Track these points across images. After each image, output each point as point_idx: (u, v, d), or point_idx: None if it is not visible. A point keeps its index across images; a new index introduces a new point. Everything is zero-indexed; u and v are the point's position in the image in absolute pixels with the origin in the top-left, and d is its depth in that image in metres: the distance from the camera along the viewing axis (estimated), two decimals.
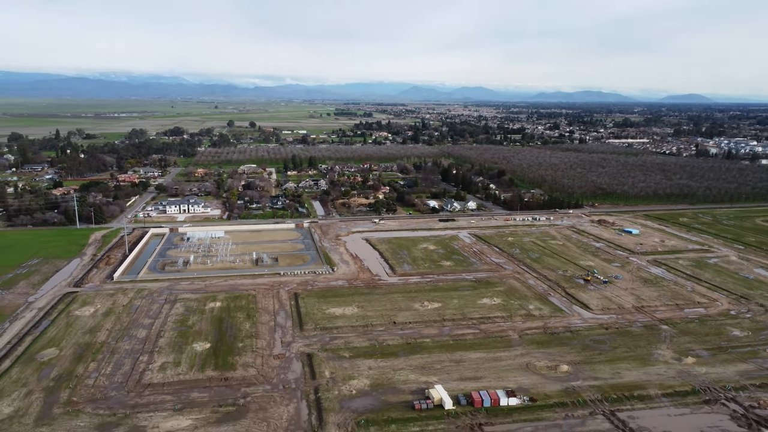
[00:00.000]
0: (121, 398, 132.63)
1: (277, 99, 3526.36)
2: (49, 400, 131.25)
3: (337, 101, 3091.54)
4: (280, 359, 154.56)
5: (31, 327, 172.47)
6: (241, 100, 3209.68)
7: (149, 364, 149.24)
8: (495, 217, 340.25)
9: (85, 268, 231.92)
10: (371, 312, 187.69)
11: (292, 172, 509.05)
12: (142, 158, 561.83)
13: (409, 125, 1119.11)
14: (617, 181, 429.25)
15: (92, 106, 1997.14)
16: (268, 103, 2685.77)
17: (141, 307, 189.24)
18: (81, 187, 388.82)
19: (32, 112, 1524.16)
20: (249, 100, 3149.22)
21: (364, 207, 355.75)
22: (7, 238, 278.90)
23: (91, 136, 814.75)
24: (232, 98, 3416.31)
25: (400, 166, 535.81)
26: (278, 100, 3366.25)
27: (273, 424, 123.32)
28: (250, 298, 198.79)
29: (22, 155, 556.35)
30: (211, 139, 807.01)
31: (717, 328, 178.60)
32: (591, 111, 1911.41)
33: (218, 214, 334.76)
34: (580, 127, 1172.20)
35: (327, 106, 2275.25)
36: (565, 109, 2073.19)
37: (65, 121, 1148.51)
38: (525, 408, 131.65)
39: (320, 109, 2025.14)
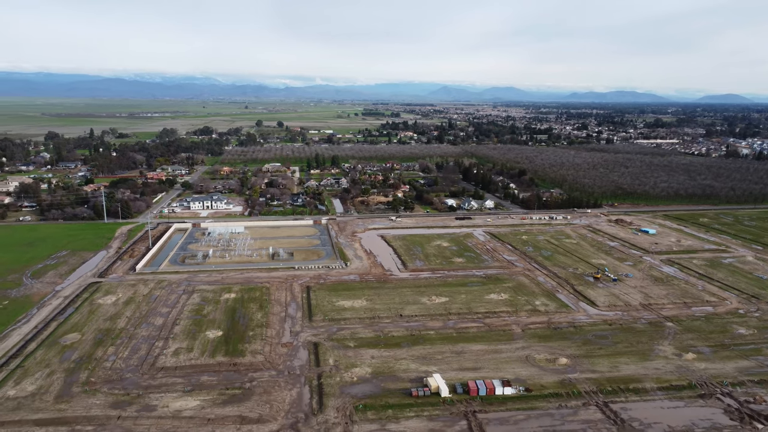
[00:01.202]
0: (135, 380, 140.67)
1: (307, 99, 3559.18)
2: (69, 380, 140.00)
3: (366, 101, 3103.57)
4: (287, 347, 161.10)
5: (57, 313, 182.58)
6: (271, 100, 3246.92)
7: (164, 350, 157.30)
8: (511, 216, 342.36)
9: (109, 260, 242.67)
10: (379, 305, 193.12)
11: (315, 170, 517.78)
12: (170, 157, 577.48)
13: (436, 125, 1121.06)
14: (639, 181, 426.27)
15: (127, 106, 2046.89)
16: (298, 104, 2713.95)
17: (160, 297, 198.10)
18: (110, 183, 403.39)
19: (70, 111, 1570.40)
20: (279, 101, 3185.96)
21: (382, 205, 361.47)
22: (40, 231, 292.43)
23: (123, 135, 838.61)
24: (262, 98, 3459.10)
25: (422, 165, 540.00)
26: (308, 100, 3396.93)
27: (275, 406, 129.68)
28: (264, 290, 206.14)
29: (58, 153, 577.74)
30: (239, 139, 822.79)
31: (722, 326, 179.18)
32: (623, 111, 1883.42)
33: (240, 211, 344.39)
34: (609, 128, 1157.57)
35: (356, 107, 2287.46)
36: (596, 110, 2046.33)
37: (100, 120, 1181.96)
38: (520, 397, 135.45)
39: (348, 109, 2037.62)
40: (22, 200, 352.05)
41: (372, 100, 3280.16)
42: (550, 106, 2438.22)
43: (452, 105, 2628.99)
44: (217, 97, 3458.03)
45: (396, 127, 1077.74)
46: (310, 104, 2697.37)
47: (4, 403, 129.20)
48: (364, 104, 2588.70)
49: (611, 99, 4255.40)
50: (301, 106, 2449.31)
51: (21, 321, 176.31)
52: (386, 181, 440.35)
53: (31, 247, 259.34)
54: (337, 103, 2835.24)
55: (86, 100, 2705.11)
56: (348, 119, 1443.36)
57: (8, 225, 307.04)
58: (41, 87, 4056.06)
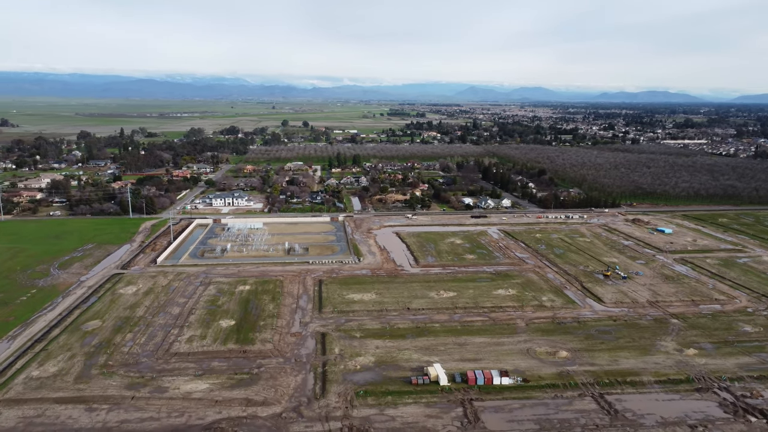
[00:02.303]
0: (150, 364, 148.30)
1: (334, 99, 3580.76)
2: (88, 362, 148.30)
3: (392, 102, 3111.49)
4: (296, 337, 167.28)
5: (80, 302, 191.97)
6: (299, 100, 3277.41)
7: (178, 337, 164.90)
8: (527, 215, 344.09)
9: (132, 253, 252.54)
10: (388, 298, 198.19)
11: (336, 169, 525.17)
12: (196, 155, 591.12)
13: (460, 125, 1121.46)
14: (660, 181, 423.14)
15: (158, 106, 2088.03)
16: (324, 104, 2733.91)
17: (178, 288, 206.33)
18: (137, 181, 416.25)
19: (102, 112, 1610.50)
20: (306, 101, 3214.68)
21: (399, 203, 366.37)
22: (68, 225, 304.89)
23: (152, 135, 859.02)
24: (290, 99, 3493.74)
25: (442, 164, 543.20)
26: (335, 100, 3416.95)
27: (280, 390, 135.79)
28: (278, 283, 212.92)
29: (89, 152, 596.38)
30: (264, 138, 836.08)
31: (728, 324, 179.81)
32: (654, 111, 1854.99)
33: (260, 208, 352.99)
34: (637, 128, 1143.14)
35: (382, 107, 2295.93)
36: (626, 110, 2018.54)
37: (131, 120, 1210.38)
38: (517, 387, 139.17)
39: (374, 109, 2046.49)
40: (53, 196, 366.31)
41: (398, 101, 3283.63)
42: (578, 107, 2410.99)
43: (479, 105, 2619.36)
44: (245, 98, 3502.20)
45: (420, 127, 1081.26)
46: (337, 104, 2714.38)
47: (28, 382, 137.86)
48: (391, 104, 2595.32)
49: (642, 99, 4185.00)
50: (328, 106, 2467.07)
51: (47, 308, 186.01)
52: (405, 180, 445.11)
53: (59, 239, 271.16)
54: (364, 104, 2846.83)
55: (119, 100, 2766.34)
56: (373, 119, 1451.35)
57: (39, 219, 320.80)
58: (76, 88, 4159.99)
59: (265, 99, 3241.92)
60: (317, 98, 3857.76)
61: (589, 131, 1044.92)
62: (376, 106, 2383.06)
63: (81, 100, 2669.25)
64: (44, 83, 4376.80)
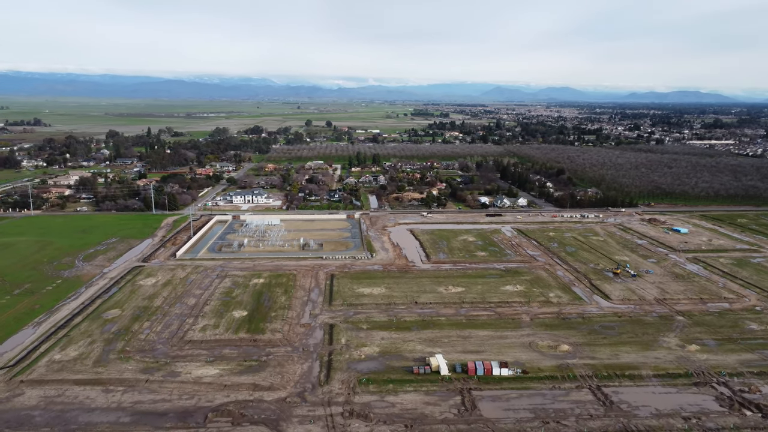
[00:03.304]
0: (164, 350, 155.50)
1: (359, 100, 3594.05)
2: (107, 348, 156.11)
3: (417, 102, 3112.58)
4: (305, 327, 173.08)
5: (102, 292, 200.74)
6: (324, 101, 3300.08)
7: (193, 326, 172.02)
8: (542, 214, 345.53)
9: (154, 247, 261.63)
10: (397, 293, 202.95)
11: (356, 168, 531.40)
12: (220, 154, 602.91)
13: (483, 125, 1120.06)
14: (679, 181, 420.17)
15: (185, 106, 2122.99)
16: (349, 104, 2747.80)
17: (195, 281, 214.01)
18: (161, 178, 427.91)
19: (131, 111, 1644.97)
20: (331, 101, 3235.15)
21: (416, 201, 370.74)
22: (94, 220, 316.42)
23: (178, 134, 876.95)
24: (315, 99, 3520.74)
25: (461, 164, 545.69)
26: (359, 100, 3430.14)
27: (286, 377, 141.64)
28: (291, 277, 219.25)
29: (116, 150, 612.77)
30: (287, 138, 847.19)
31: (734, 322, 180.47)
32: (683, 112, 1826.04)
33: (279, 205, 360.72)
34: (663, 128, 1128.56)
35: (406, 107, 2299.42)
36: (654, 110, 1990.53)
37: (159, 120, 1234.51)
38: (515, 378, 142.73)
39: (399, 109, 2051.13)
40: (81, 192, 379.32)
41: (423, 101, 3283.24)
42: (605, 107, 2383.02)
43: (504, 105, 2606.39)
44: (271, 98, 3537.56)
45: (443, 127, 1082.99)
46: (362, 104, 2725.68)
47: (50, 365, 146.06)
48: (415, 105, 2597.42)
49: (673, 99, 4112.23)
50: (352, 106, 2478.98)
51: (71, 297, 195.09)
52: (423, 179, 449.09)
53: (85, 234, 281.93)
54: (388, 104, 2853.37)
55: (148, 100, 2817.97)
56: (396, 119, 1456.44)
57: (67, 214, 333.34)
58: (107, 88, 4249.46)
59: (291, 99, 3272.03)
60: (342, 98, 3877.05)
61: (613, 131, 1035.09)
62: (400, 107, 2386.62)
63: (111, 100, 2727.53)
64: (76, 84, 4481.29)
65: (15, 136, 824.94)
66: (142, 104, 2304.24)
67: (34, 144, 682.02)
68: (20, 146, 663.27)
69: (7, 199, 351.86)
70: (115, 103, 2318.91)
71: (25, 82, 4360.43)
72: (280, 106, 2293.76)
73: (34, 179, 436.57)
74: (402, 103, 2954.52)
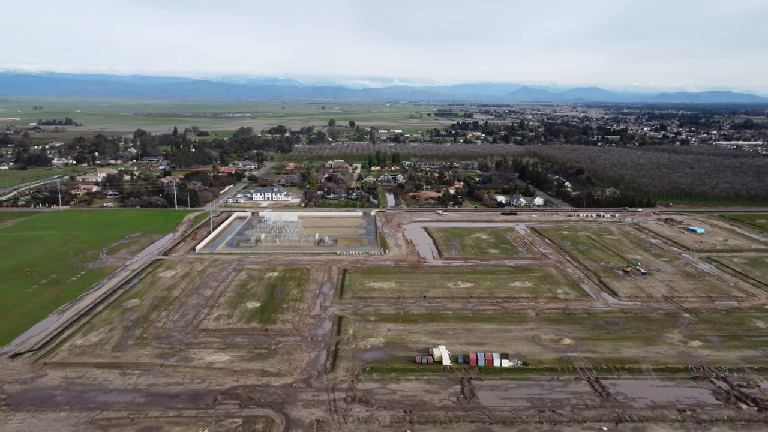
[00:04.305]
0: (180, 337, 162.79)
1: (384, 100, 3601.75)
2: (125, 335, 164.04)
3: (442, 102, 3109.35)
4: (315, 319, 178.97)
5: (123, 283, 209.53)
6: (349, 101, 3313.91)
7: (207, 315, 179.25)
8: (558, 213, 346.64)
9: (174, 241, 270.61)
10: (406, 287, 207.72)
11: (375, 167, 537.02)
12: (243, 153, 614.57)
13: (506, 126, 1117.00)
14: (700, 181, 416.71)
15: (212, 106, 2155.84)
16: (374, 104, 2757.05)
17: (212, 273, 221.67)
18: (185, 176, 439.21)
19: (159, 111, 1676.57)
20: (356, 101, 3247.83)
21: (432, 200, 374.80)
22: (119, 215, 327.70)
23: (203, 133, 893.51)
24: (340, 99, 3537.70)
25: (481, 164, 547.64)
26: (384, 101, 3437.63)
27: (294, 364, 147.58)
28: (304, 271, 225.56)
29: (143, 149, 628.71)
30: (309, 137, 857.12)
31: (740, 319, 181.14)
32: (713, 112, 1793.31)
33: (297, 202, 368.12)
34: (690, 129, 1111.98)
35: (431, 107, 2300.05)
36: (684, 110, 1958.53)
37: (185, 120, 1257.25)
38: (516, 369, 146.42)
39: (423, 109, 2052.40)
40: (107, 189, 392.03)
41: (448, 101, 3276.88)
42: (633, 107, 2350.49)
43: (529, 106, 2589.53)
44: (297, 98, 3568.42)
45: (465, 127, 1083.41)
46: (386, 105, 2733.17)
47: (72, 349, 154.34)
48: (440, 105, 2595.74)
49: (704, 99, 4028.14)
50: (377, 106, 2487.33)
51: (94, 288, 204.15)
52: (441, 178, 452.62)
53: (110, 228, 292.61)
54: (413, 104, 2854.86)
55: (176, 101, 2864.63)
56: (420, 119, 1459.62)
57: (93, 210, 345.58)
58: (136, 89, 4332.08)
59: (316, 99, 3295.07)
60: (367, 99, 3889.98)
61: (638, 132, 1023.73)
62: (425, 107, 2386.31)
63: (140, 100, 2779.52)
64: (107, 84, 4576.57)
65: (47, 135, 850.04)
66: (171, 104, 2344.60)
67: (65, 143, 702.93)
68: (51, 145, 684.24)
69: (38, 195, 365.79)
70: (144, 104, 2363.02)
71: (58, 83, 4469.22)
72: (305, 107, 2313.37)
73: (64, 176, 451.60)
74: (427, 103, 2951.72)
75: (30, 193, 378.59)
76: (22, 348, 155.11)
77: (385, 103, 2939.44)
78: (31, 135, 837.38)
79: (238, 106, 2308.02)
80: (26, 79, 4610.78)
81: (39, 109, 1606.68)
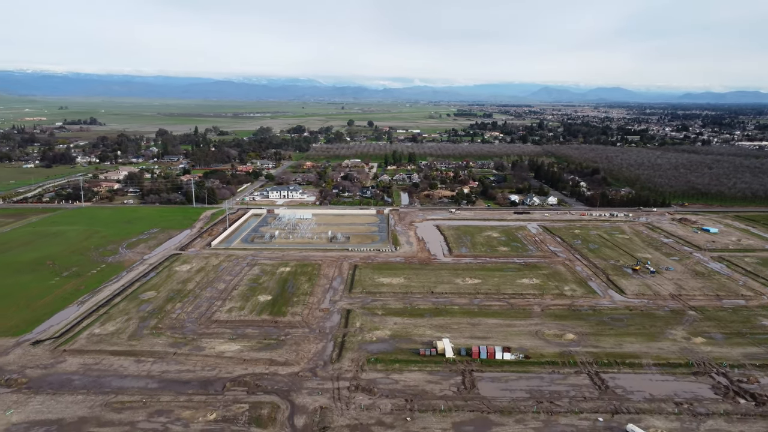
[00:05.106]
0: (192, 328, 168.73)
1: (404, 100, 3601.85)
2: (141, 325, 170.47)
3: (462, 102, 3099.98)
4: (324, 312, 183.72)
5: (141, 276, 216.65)
6: (369, 101, 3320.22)
7: (220, 307, 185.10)
8: (571, 212, 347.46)
9: (191, 237, 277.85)
10: (415, 283, 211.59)
11: (391, 166, 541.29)
12: (261, 152, 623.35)
13: (525, 126, 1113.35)
14: (717, 181, 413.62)
15: (233, 106, 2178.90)
16: (394, 104, 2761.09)
17: (226, 268, 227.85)
18: (204, 174, 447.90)
19: (181, 111, 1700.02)
20: (376, 102, 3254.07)
21: (446, 199, 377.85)
22: (139, 212, 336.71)
23: (223, 133, 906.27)
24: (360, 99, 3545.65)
25: (497, 163, 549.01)
26: (404, 101, 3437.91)
27: (301, 354, 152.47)
28: (316, 267, 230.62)
29: (164, 148, 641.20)
30: (327, 137, 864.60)
31: (746, 317, 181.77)
32: (738, 113, 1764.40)
33: (312, 200, 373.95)
34: (713, 129, 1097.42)
35: (450, 107, 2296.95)
36: (708, 111, 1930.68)
37: (207, 119, 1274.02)
38: (517, 362, 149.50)
39: (443, 110, 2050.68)
40: (128, 186, 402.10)
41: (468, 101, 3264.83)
42: (656, 107, 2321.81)
43: (550, 106, 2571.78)
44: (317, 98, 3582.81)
45: (484, 127, 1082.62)
46: (406, 105, 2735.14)
47: (90, 337, 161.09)
48: (460, 105, 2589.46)
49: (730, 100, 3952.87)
50: (396, 106, 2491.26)
51: (113, 280, 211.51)
52: (456, 177, 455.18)
53: (129, 224, 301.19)
54: (433, 104, 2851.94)
55: (198, 101, 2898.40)
56: (438, 119, 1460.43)
57: (114, 206, 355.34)
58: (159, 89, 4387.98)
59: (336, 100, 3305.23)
60: (387, 99, 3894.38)
61: (659, 132, 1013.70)
62: (444, 107, 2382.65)
63: (163, 100, 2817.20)
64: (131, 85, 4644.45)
65: (72, 135, 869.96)
66: (193, 104, 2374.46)
67: (89, 142, 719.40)
68: (76, 144, 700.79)
69: (61, 192, 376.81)
70: (167, 104, 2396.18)
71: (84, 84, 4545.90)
72: (324, 107, 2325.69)
73: (87, 174, 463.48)
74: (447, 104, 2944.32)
75: (54, 190, 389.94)
76: (43, 336, 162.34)
77: (404, 104, 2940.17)
78: (56, 134, 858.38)
79: (258, 106, 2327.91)
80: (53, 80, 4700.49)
81: (65, 109, 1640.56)
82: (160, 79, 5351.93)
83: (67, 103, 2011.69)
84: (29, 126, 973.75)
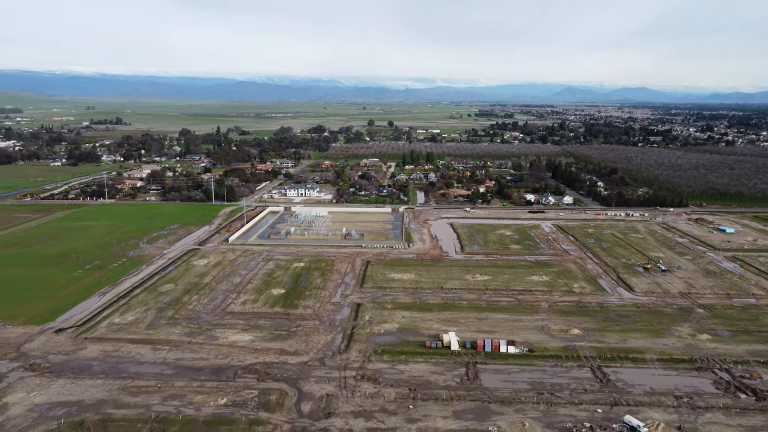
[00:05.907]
0: (208, 319, 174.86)
1: (425, 101, 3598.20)
2: (158, 315, 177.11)
3: (484, 103, 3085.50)
4: (335, 305, 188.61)
5: (160, 269, 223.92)
6: (390, 101, 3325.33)
7: (235, 300, 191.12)
8: (586, 212, 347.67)
9: (209, 233, 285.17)
10: (425, 278, 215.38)
11: (409, 166, 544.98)
12: (281, 151, 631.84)
13: (546, 126, 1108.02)
14: (737, 182, 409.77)
15: (255, 107, 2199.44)
16: (415, 105, 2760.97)
17: (242, 263, 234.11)
18: (224, 173, 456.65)
19: (205, 112, 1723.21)
20: (398, 102, 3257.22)
21: (461, 198, 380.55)
22: (160, 208, 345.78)
23: (245, 133, 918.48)
24: (382, 100, 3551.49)
25: (514, 163, 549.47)
26: (426, 101, 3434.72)
27: (311, 345, 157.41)
28: (329, 262, 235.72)
29: (187, 147, 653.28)
30: (347, 137, 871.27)
31: (755, 316, 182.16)
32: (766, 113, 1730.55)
33: (329, 198, 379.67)
34: (739, 130, 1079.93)
35: (472, 108, 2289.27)
36: (736, 111, 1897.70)
37: (229, 119, 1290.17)
38: (521, 356, 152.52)
39: (464, 110, 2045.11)
40: (151, 184, 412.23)
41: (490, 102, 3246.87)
42: (682, 108, 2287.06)
43: (573, 106, 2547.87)
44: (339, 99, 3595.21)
45: (504, 127, 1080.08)
46: (427, 105, 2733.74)
47: (110, 326, 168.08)
48: (481, 105, 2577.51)
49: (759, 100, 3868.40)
50: (418, 107, 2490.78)
51: (133, 273, 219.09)
52: (473, 177, 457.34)
53: (151, 220, 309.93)
54: (455, 105, 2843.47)
55: (221, 101, 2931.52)
56: (459, 120, 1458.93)
57: (137, 203, 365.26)
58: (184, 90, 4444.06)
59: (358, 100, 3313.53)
60: (409, 99, 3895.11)
61: (683, 132, 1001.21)
62: (466, 107, 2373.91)
63: (187, 101, 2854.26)
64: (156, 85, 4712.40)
65: (98, 134, 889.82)
66: (216, 105, 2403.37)
67: (114, 141, 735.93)
68: (101, 143, 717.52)
69: (86, 189, 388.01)
70: (191, 104, 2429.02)
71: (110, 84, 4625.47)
72: (346, 107, 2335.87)
73: (111, 172, 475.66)
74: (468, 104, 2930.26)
75: (79, 188, 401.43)
76: (66, 324, 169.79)
77: (426, 104, 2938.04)
78: (83, 134, 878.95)
79: (280, 106, 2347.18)
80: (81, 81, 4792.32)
81: (92, 110, 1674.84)
82: (185, 79, 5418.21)
83: (95, 104, 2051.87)
84: (57, 126, 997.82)
